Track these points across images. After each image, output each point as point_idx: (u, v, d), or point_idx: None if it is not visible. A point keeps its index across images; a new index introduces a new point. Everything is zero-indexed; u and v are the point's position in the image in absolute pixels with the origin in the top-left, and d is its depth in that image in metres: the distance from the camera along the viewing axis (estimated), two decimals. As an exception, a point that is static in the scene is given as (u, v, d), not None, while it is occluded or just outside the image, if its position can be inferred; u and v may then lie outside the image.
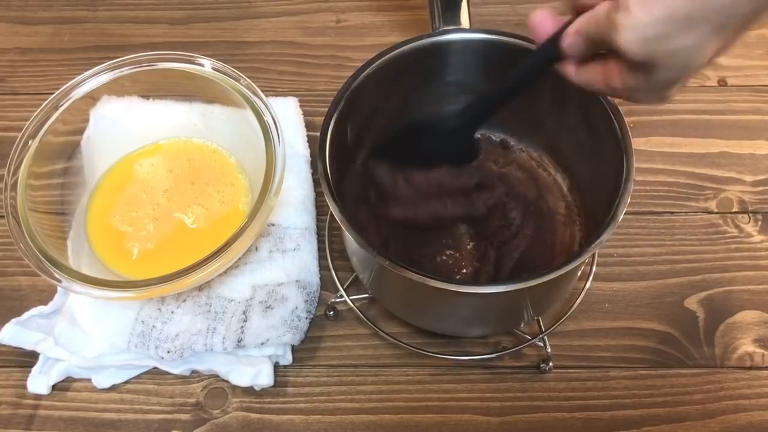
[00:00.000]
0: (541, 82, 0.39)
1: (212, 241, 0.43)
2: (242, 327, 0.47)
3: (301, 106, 0.59)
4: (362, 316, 0.50)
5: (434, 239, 0.49)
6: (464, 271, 0.48)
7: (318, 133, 0.43)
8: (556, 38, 0.36)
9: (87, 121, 0.51)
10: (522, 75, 0.39)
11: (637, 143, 0.59)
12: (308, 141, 0.57)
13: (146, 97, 0.53)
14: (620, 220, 0.39)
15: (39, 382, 0.48)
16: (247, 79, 0.48)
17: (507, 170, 0.52)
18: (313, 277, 0.51)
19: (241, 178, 0.52)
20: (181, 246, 0.49)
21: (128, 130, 0.52)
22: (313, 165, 0.56)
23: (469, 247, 0.48)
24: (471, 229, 0.49)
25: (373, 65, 0.45)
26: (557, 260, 0.48)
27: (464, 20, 0.48)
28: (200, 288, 0.49)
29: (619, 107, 0.43)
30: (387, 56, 0.46)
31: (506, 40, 0.47)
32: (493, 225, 0.48)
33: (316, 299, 0.51)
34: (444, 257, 0.48)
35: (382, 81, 0.46)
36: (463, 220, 0.48)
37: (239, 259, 0.50)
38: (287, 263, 0.51)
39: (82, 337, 0.47)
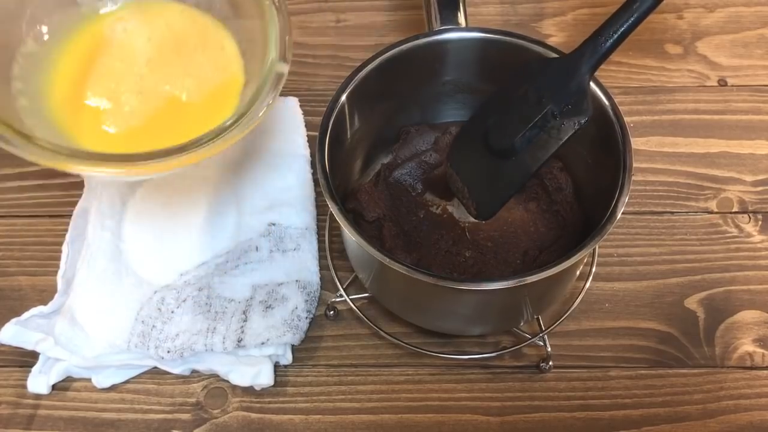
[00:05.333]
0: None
1: (212, 115, 0.39)
2: (242, 327, 0.47)
3: (300, 106, 0.59)
4: (362, 315, 0.50)
5: (434, 238, 0.49)
6: (466, 253, 0.48)
7: (318, 133, 0.43)
8: None
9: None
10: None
11: (637, 143, 0.59)
12: (308, 141, 0.57)
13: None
14: (619, 216, 0.39)
15: (39, 381, 0.48)
16: None
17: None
18: (313, 276, 0.51)
19: (228, 42, 0.44)
20: (176, 122, 0.42)
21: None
22: (313, 165, 0.56)
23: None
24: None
25: (371, 64, 0.46)
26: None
27: (461, 19, 0.48)
28: (200, 288, 0.49)
29: (619, 107, 0.43)
30: (384, 55, 0.46)
31: (504, 39, 0.47)
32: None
33: (317, 299, 0.51)
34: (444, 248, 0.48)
35: (381, 80, 0.46)
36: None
37: (239, 258, 0.50)
38: (287, 263, 0.51)
39: (82, 337, 0.47)
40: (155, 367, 0.49)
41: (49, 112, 0.39)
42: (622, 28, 0.40)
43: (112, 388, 0.49)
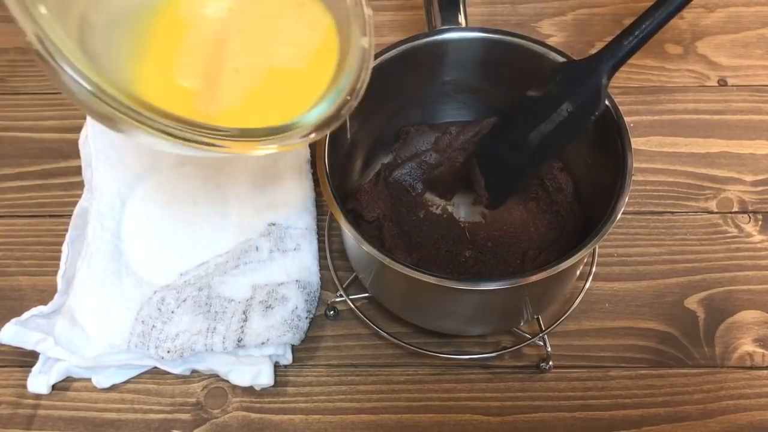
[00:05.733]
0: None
1: (316, 79, 0.37)
2: (242, 327, 0.47)
3: (301, 106, 0.59)
4: (362, 315, 0.50)
5: (435, 238, 0.49)
6: (467, 253, 0.48)
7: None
8: None
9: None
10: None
11: (637, 143, 0.59)
12: (308, 141, 0.57)
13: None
14: (619, 216, 0.39)
15: (39, 381, 0.48)
16: None
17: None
18: (313, 276, 0.51)
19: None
20: (284, 94, 0.38)
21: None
22: (313, 165, 0.56)
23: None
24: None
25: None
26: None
27: (462, 19, 0.48)
28: (200, 288, 0.49)
29: (619, 107, 0.43)
30: (384, 56, 0.46)
31: (504, 39, 0.47)
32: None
33: (317, 299, 0.51)
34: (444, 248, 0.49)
35: (381, 80, 0.46)
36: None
37: (239, 258, 0.50)
38: (287, 263, 0.51)
39: (82, 337, 0.47)
40: (155, 367, 0.49)
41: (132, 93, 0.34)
42: (642, 34, 0.41)
43: (112, 388, 0.49)
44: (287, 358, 0.49)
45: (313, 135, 0.35)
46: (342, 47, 0.38)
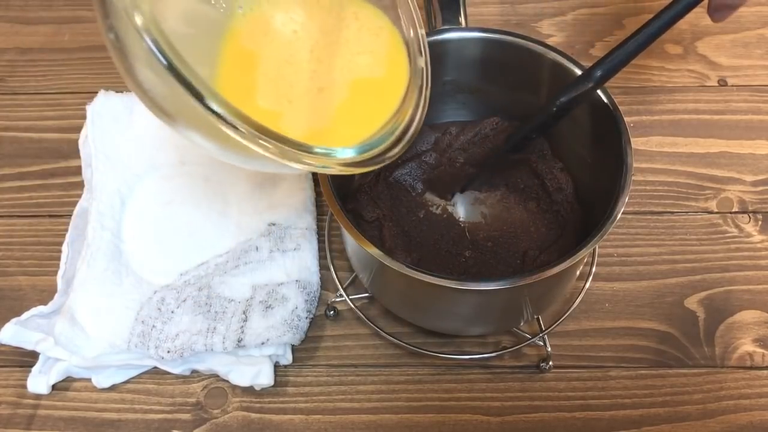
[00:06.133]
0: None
1: (399, 79, 0.37)
2: (242, 327, 0.47)
3: (301, 106, 0.59)
4: (362, 315, 0.50)
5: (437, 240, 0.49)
6: (467, 253, 0.48)
7: (318, 133, 0.43)
8: None
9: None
10: (679, 8, 0.38)
11: (637, 143, 0.59)
12: (308, 141, 0.57)
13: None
14: (619, 217, 0.39)
15: (39, 381, 0.48)
16: None
17: (509, 172, 0.52)
18: (313, 276, 0.51)
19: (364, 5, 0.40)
20: (370, 105, 0.38)
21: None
22: (313, 165, 0.56)
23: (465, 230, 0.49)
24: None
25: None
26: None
27: (462, 19, 0.48)
28: (200, 288, 0.49)
29: (619, 107, 0.43)
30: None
31: (504, 39, 0.47)
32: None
33: (317, 299, 0.51)
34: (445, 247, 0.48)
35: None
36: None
37: (239, 258, 0.50)
38: (287, 263, 0.51)
39: (82, 337, 0.47)
40: (155, 367, 0.49)
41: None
42: (629, 51, 0.40)
43: (112, 388, 0.49)
44: (287, 358, 0.49)
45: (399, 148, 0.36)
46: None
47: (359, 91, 0.38)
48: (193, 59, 0.30)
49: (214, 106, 0.29)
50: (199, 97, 0.29)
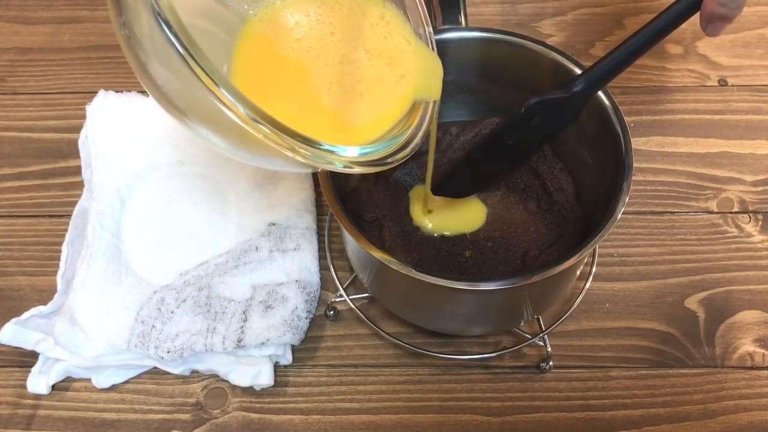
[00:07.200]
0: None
1: (422, 72, 0.38)
2: (242, 327, 0.47)
3: (301, 106, 0.59)
4: (362, 315, 0.50)
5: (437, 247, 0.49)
6: (467, 253, 0.48)
7: (318, 133, 0.43)
8: None
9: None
10: (668, 20, 0.38)
11: (637, 143, 0.59)
12: (308, 141, 0.57)
13: None
14: (619, 216, 0.39)
15: (39, 382, 0.48)
16: None
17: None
18: (313, 276, 0.51)
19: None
20: (381, 108, 0.39)
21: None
22: (313, 165, 0.56)
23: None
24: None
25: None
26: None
27: (462, 19, 0.48)
28: (200, 288, 0.49)
29: (619, 107, 0.43)
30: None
31: (504, 39, 0.47)
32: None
33: (317, 299, 0.51)
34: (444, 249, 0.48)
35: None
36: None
37: (239, 258, 0.50)
38: (287, 263, 0.51)
39: (82, 337, 0.47)
40: (155, 367, 0.49)
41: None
42: (613, 63, 0.40)
43: (112, 388, 0.49)
44: (287, 359, 0.49)
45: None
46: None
47: (393, 93, 0.39)
48: (209, 55, 0.30)
49: (227, 94, 0.29)
50: (212, 83, 0.29)
